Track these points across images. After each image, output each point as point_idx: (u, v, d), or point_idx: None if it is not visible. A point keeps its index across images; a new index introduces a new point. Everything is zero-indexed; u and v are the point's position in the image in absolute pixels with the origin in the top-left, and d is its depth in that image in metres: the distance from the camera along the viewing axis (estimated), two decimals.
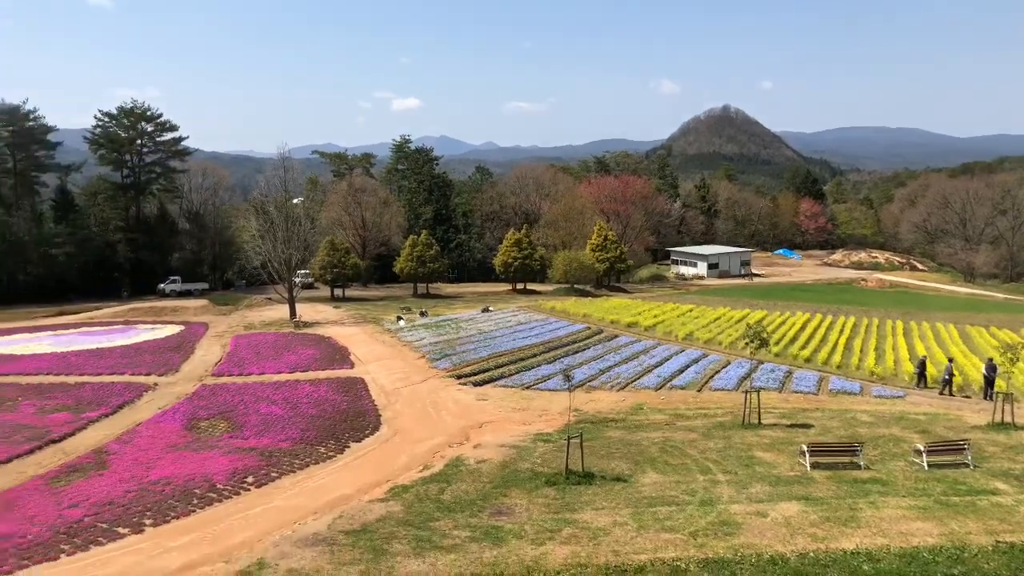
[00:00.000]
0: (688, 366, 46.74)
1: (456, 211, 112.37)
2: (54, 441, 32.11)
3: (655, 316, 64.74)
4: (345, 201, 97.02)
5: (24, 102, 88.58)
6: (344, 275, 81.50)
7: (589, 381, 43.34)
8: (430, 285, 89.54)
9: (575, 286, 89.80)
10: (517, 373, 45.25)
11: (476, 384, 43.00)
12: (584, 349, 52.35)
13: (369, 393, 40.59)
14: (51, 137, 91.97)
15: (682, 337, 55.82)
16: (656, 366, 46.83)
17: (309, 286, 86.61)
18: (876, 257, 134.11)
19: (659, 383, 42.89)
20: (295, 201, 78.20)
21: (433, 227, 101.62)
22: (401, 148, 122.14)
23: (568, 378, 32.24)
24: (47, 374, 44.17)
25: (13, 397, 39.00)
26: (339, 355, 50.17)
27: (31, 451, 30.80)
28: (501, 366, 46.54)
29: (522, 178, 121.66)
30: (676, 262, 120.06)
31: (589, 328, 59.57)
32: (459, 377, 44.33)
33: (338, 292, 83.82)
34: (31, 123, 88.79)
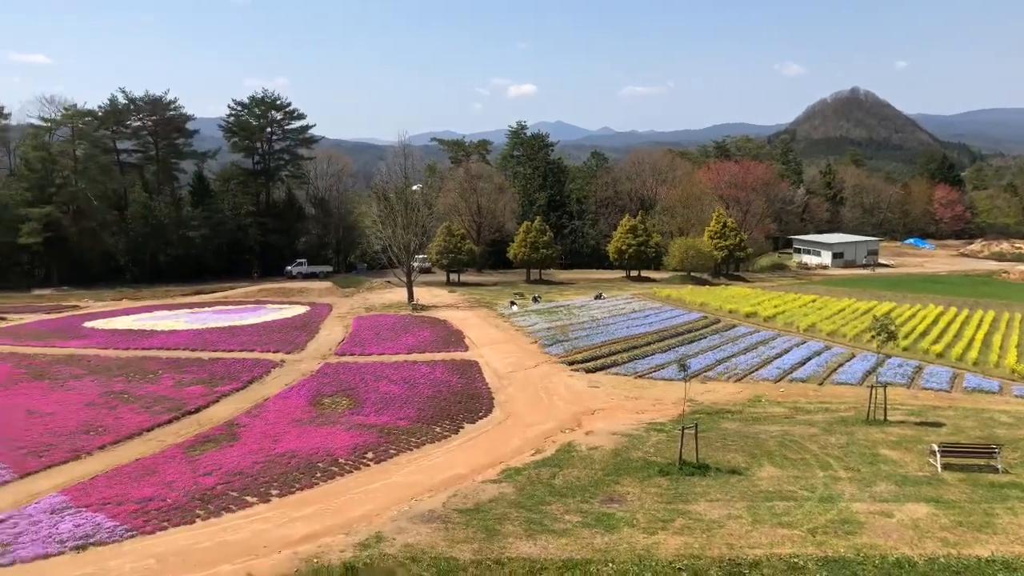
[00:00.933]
0: (809, 358, 45.11)
1: (570, 197, 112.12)
2: (190, 412, 34.23)
3: (775, 306, 62.73)
4: (461, 187, 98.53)
5: (166, 93, 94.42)
6: (459, 260, 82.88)
7: (705, 371, 42.52)
8: (543, 271, 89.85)
9: (691, 274, 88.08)
10: (630, 361, 44.89)
11: (588, 371, 42.94)
12: (700, 339, 51.36)
13: (483, 376, 41.22)
14: (189, 126, 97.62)
15: (804, 328, 53.89)
16: (775, 358, 45.44)
17: (426, 271, 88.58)
18: (1020, 248, 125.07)
19: (778, 375, 41.61)
20: (414, 188, 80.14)
21: (547, 213, 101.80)
22: (517, 134, 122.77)
23: (683, 367, 31.77)
24: (184, 349, 47.01)
25: (155, 370, 41.78)
26: (454, 338, 51.14)
27: (170, 421, 32.98)
28: (614, 353, 46.28)
29: (638, 163, 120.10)
30: (798, 250, 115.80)
31: (705, 317, 58.36)
32: (571, 363, 44.38)
33: (453, 277, 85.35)
34: (172, 113, 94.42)
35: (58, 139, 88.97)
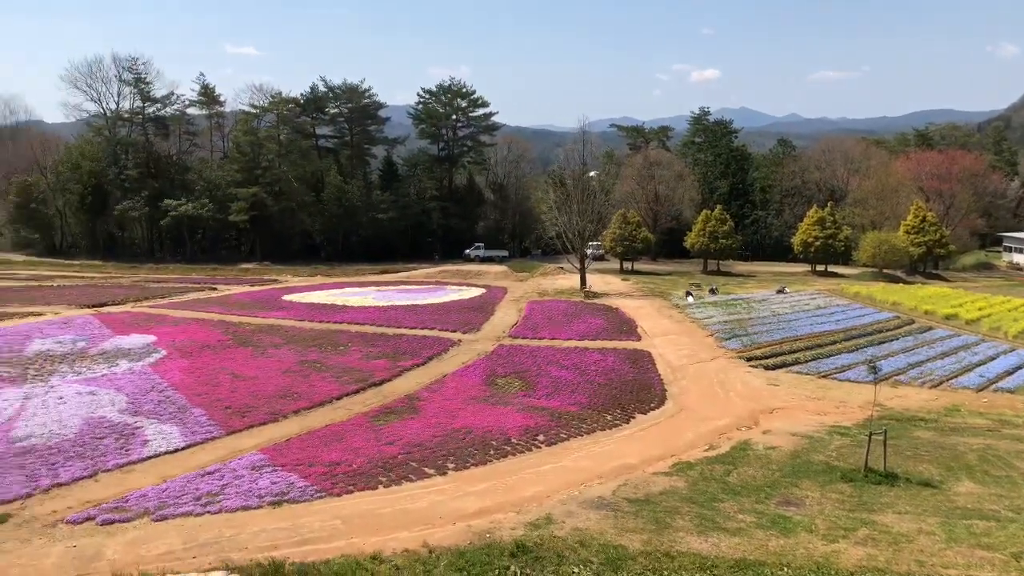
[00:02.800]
0: (1019, 367, 41.08)
1: (753, 186, 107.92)
2: (375, 384, 36.19)
3: (980, 308, 57.45)
4: (639, 174, 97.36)
5: (361, 82, 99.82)
6: (634, 248, 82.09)
7: (896, 375, 39.78)
8: (721, 262, 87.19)
9: (883, 271, 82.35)
10: (813, 360, 42.76)
11: (767, 368, 41.34)
12: (891, 340, 48.04)
13: (655, 367, 40.70)
14: (380, 113, 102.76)
15: (1013, 335, 49.01)
16: (978, 365, 41.73)
17: (600, 258, 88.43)
18: None
19: (981, 384, 38.21)
20: (591, 174, 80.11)
21: (728, 202, 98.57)
22: (699, 121, 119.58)
23: (873, 369, 29.92)
24: (371, 325, 49.70)
25: (345, 343, 44.49)
26: (626, 327, 50.80)
27: (357, 391, 35.03)
28: (795, 351, 44.23)
29: (828, 151, 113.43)
30: (1009, 249, 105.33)
31: (898, 317, 54.48)
32: (749, 359, 42.88)
33: (627, 265, 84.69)
34: (366, 100, 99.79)
35: (265, 125, 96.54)
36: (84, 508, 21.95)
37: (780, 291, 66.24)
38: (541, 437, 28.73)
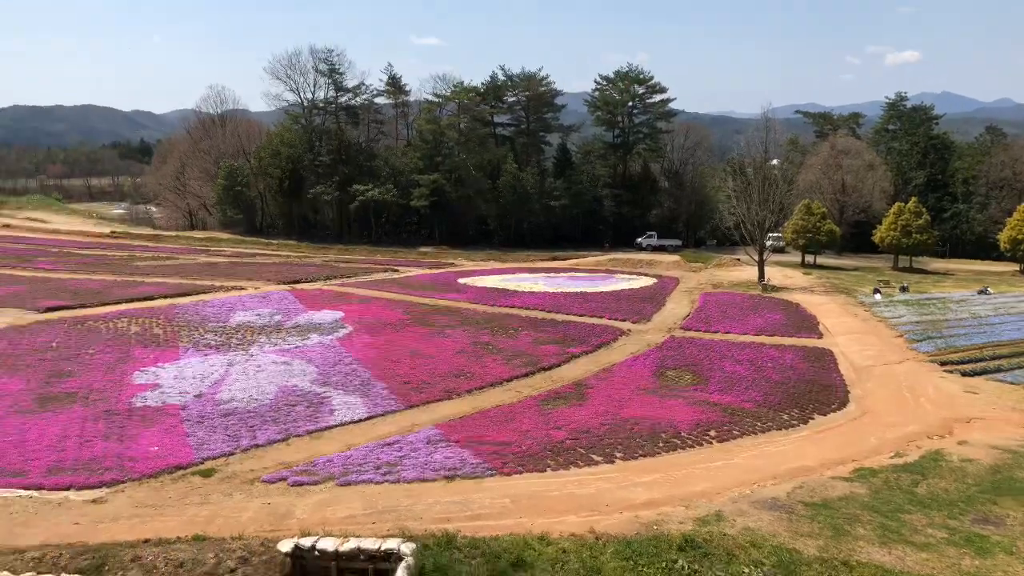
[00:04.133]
0: None
1: (954, 177, 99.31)
2: (544, 369, 36.70)
3: None
4: (825, 163, 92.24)
5: (539, 70, 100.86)
6: (817, 241, 77.92)
7: None
8: (913, 259, 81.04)
9: None
10: (1019, 368, 38.97)
11: (964, 374, 38.11)
12: None
13: (837, 366, 38.60)
14: (557, 101, 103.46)
15: None
16: None
17: (779, 250, 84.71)
18: None
19: None
20: (773, 163, 76.84)
21: (924, 194, 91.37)
22: (894, 106, 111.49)
23: None
24: (541, 310, 50.35)
25: (515, 327, 45.38)
26: (806, 323, 48.46)
27: (526, 375, 35.67)
28: (999, 358, 40.49)
29: None
30: None
31: None
32: (943, 363, 39.71)
33: (809, 258, 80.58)
34: (543, 88, 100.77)
35: (446, 114, 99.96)
36: (277, 469, 23.81)
37: (982, 292, 60.76)
38: (712, 432, 28.04)
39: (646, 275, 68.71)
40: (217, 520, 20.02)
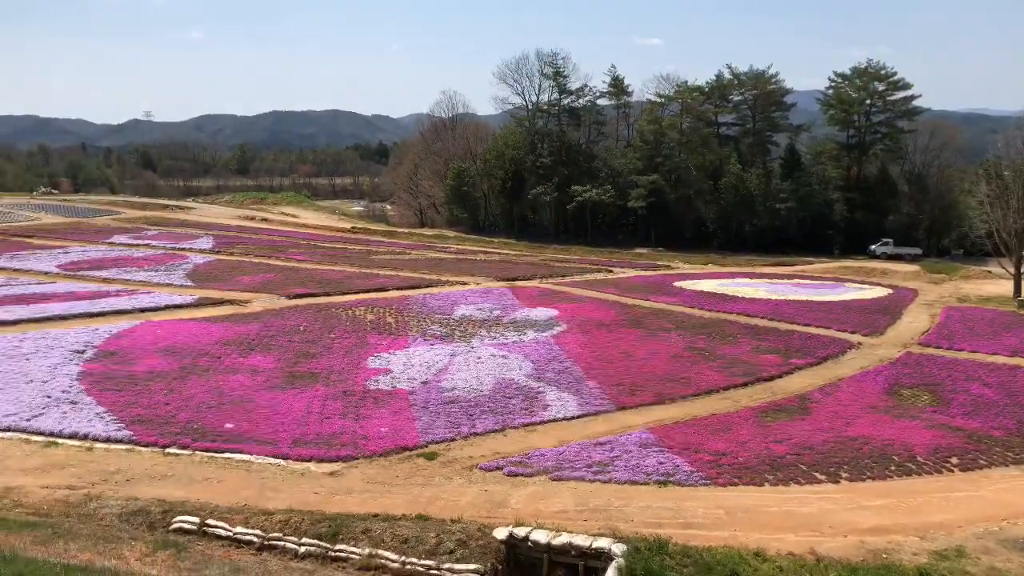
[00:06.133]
0: None
1: None
2: (763, 379, 35.21)
3: None
4: None
5: (768, 67, 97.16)
6: None
7: None
8: None
9: None
10: None
11: None
12: None
13: None
14: (787, 99, 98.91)
15: None
16: None
17: None
18: None
19: None
20: None
21: None
22: None
23: None
24: (761, 318, 48.37)
25: (733, 333, 43.93)
26: None
27: (744, 384, 34.39)
28: None
29: None
30: None
31: None
32: None
33: None
34: (772, 87, 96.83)
35: (668, 114, 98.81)
36: (494, 458, 24.73)
37: None
38: (954, 460, 25.52)
39: (880, 285, 63.90)
40: (438, 502, 21.15)
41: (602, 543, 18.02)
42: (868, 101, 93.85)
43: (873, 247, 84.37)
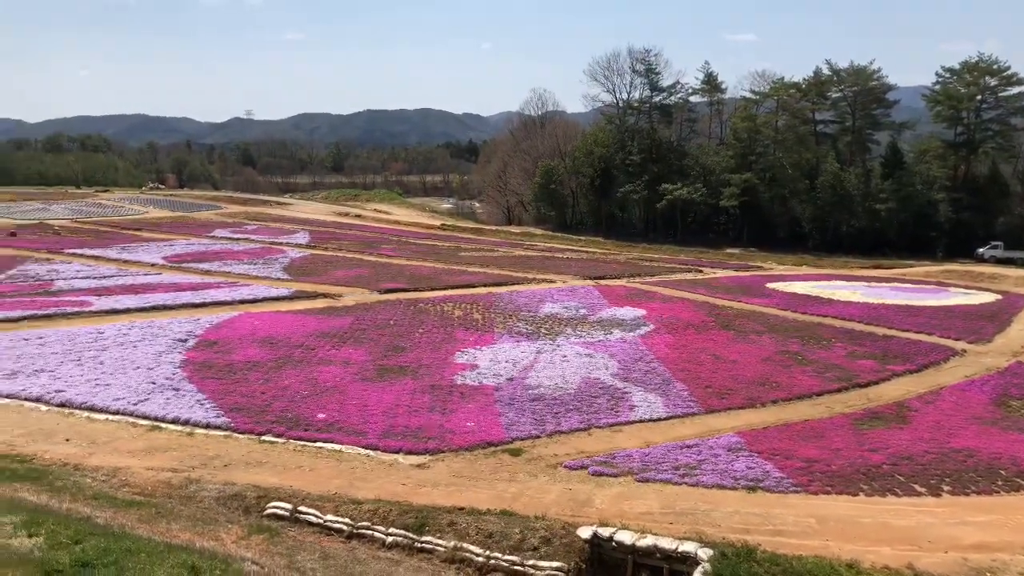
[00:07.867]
0: None
1: None
2: (859, 386, 33.93)
3: None
4: None
5: (871, 63, 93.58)
6: None
7: None
8: None
9: None
10: None
11: None
12: None
13: None
14: (889, 96, 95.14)
15: None
16: None
17: None
18: None
19: None
20: None
21: None
22: None
23: None
24: (858, 321, 46.64)
25: (828, 337, 42.54)
26: None
27: (839, 390, 33.23)
28: None
29: None
30: None
31: None
32: None
33: None
34: (873, 83, 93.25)
35: (763, 111, 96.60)
36: (579, 457, 24.65)
37: None
38: None
39: (988, 290, 60.80)
40: (522, 498, 21.24)
41: (688, 547, 17.75)
42: (979, 97, 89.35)
43: (981, 250, 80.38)
